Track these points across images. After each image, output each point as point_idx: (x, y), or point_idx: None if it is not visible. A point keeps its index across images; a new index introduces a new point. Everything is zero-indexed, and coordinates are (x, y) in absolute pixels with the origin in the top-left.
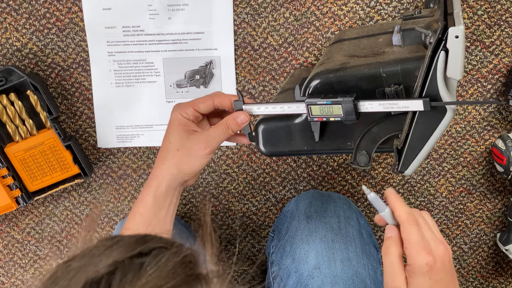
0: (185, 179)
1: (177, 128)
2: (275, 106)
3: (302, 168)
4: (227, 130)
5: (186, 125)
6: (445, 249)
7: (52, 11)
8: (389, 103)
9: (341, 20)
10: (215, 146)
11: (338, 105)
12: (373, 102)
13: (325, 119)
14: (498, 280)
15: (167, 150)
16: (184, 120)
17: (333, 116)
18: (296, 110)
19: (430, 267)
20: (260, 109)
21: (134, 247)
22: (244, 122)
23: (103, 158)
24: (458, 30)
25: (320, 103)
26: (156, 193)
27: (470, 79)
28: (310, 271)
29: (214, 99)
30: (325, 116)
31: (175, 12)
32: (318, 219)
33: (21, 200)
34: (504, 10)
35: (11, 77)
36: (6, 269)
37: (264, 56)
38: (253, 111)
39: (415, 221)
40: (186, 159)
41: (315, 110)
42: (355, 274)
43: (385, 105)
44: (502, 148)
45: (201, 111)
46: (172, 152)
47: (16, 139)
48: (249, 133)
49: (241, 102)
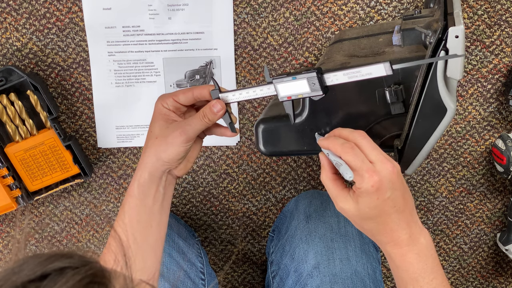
0: (166, 167)
1: (158, 117)
2: (248, 91)
3: (302, 168)
4: (203, 118)
5: (166, 115)
6: (392, 166)
7: (52, 11)
8: (352, 71)
9: (341, 20)
10: (191, 134)
11: (303, 81)
12: (337, 72)
13: (293, 98)
14: (498, 280)
15: (148, 138)
16: (165, 110)
17: (301, 92)
18: (268, 92)
19: (376, 188)
20: (235, 95)
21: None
22: (219, 110)
23: (103, 158)
24: (458, 30)
25: (286, 80)
26: (140, 181)
27: (470, 79)
28: (309, 271)
29: (194, 91)
30: (294, 94)
31: (175, 12)
32: (318, 218)
33: (21, 200)
34: (504, 10)
35: (11, 77)
36: None
37: (264, 56)
38: (228, 99)
39: (350, 147)
40: (164, 147)
41: (283, 90)
42: (354, 273)
43: (349, 74)
44: (502, 148)
45: (181, 102)
46: (151, 140)
47: (16, 139)
48: (229, 123)
49: (217, 91)
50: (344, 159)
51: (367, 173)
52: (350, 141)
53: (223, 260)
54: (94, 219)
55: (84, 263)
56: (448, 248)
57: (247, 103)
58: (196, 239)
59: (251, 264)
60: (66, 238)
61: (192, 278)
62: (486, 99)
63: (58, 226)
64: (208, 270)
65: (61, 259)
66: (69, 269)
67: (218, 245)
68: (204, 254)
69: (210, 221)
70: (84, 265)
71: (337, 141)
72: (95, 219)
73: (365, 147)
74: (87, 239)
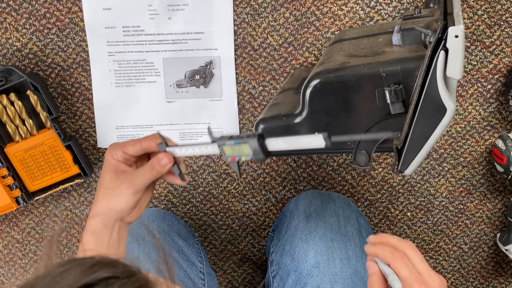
0: (117, 216)
1: (108, 168)
2: (194, 148)
3: (302, 168)
4: (152, 170)
5: (115, 166)
6: (439, 279)
7: (52, 11)
8: (292, 139)
9: (341, 20)
10: (139, 186)
11: (246, 144)
12: (278, 139)
13: (237, 159)
14: (498, 280)
15: (99, 188)
16: (114, 161)
17: (245, 155)
18: (212, 151)
19: None
20: (181, 151)
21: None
22: (166, 163)
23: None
24: (457, 30)
25: (229, 144)
26: (93, 231)
27: (470, 79)
28: (309, 270)
29: (142, 143)
30: (238, 155)
31: (175, 12)
32: (318, 218)
33: (21, 200)
34: (504, 10)
35: (11, 77)
36: (6, 269)
37: (264, 56)
38: (175, 153)
39: (400, 257)
40: (113, 198)
41: (228, 151)
42: (354, 273)
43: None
44: (502, 148)
45: (130, 153)
46: (101, 191)
47: (16, 139)
48: (179, 173)
49: (164, 145)
50: (394, 267)
51: (417, 283)
52: (398, 250)
53: (223, 260)
54: None
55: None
56: (448, 248)
57: (247, 103)
58: (196, 239)
59: (251, 264)
60: (66, 238)
61: (192, 278)
62: (486, 99)
63: (58, 226)
64: (208, 270)
65: (105, 268)
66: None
67: (218, 245)
68: (204, 254)
69: (210, 221)
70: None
71: (387, 249)
72: None
73: (414, 258)
74: None
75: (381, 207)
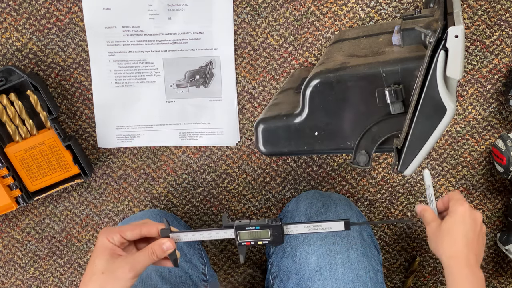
0: None
1: (103, 252)
2: (202, 233)
3: (302, 168)
4: (152, 255)
5: (112, 249)
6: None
7: (52, 11)
8: (313, 225)
9: (341, 20)
10: (140, 270)
11: (267, 230)
12: (298, 225)
13: (253, 243)
14: (498, 280)
15: (92, 273)
16: (110, 245)
17: (261, 239)
18: (224, 235)
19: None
20: (187, 236)
21: None
22: (169, 249)
23: (103, 158)
24: (457, 30)
25: (249, 229)
26: None
27: (470, 79)
28: (311, 274)
29: (142, 228)
30: (253, 240)
31: (175, 12)
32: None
33: (21, 200)
34: (504, 10)
35: (11, 77)
36: (6, 269)
37: (264, 56)
38: (180, 238)
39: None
40: (111, 282)
41: (244, 235)
42: (356, 277)
43: (309, 227)
44: (502, 148)
45: (128, 238)
46: (96, 275)
47: (16, 139)
48: (174, 259)
49: (168, 230)
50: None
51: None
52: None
53: (223, 260)
54: (94, 219)
55: None
56: None
57: (247, 103)
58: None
59: (251, 264)
60: (66, 238)
61: (193, 279)
62: (486, 99)
63: (58, 226)
64: (210, 271)
65: None
66: None
67: (218, 245)
68: (205, 254)
69: (210, 221)
70: None
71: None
72: (95, 219)
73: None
74: (87, 239)
75: (381, 207)
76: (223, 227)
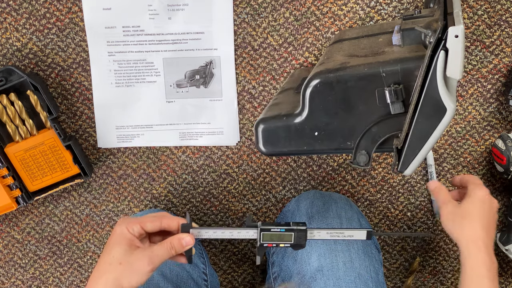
0: None
1: (122, 242)
2: (224, 231)
3: (302, 168)
4: (171, 250)
5: (130, 240)
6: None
7: (52, 11)
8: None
9: (341, 20)
10: (157, 264)
11: (291, 233)
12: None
13: (274, 245)
14: (498, 280)
15: (108, 262)
16: (129, 235)
17: (284, 242)
18: (246, 235)
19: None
20: (208, 233)
21: None
22: (189, 244)
23: (103, 158)
24: (457, 30)
25: (274, 230)
26: None
27: (470, 79)
28: (312, 273)
29: (162, 221)
30: (276, 242)
31: (175, 12)
32: (320, 220)
33: (21, 200)
34: (504, 10)
35: (11, 77)
36: (6, 269)
37: (264, 56)
38: (201, 235)
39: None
40: (127, 274)
41: (266, 237)
42: (357, 277)
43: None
44: (502, 148)
45: (147, 230)
46: (113, 265)
47: (16, 139)
48: (190, 255)
49: (189, 225)
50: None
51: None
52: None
53: (223, 260)
54: (94, 219)
55: None
56: (448, 248)
57: (247, 103)
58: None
59: (251, 264)
60: (66, 238)
61: (195, 279)
62: (486, 99)
63: (58, 226)
64: (210, 271)
65: None
66: None
67: (218, 245)
68: (206, 254)
69: (210, 221)
70: None
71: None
72: (95, 219)
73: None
74: (87, 239)
75: (381, 207)
76: (246, 226)
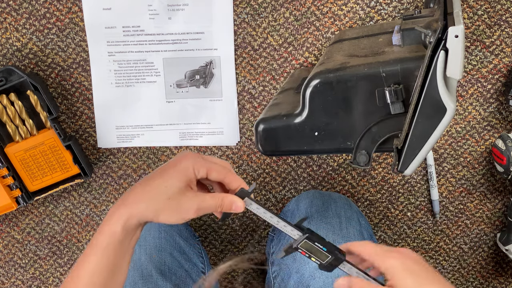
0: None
1: (182, 179)
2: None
3: (302, 168)
4: (219, 206)
5: (190, 180)
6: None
7: (52, 11)
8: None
9: (341, 20)
10: (201, 213)
11: (329, 256)
12: (353, 268)
13: (307, 255)
14: (498, 280)
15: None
16: (193, 175)
17: (316, 258)
18: (290, 232)
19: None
20: (259, 210)
21: None
22: (238, 210)
23: (103, 158)
24: (457, 30)
25: (317, 246)
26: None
27: (470, 79)
28: (311, 272)
29: (228, 176)
30: (310, 254)
31: (175, 12)
32: (319, 219)
33: (21, 200)
34: (504, 10)
35: (11, 77)
36: (6, 269)
37: (264, 56)
38: (251, 208)
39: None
40: (168, 212)
41: (305, 245)
42: None
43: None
44: (502, 148)
45: (211, 178)
46: (162, 196)
47: (16, 139)
48: (227, 217)
49: (247, 193)
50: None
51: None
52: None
53: (223, 260)
54: (94, 219)
55: None
56: (448, 248)
57: (247, 103)
58: (196, 239)
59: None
60: (66, 238)
61: (193, 278)
62: (486, 99)
63: (58, 226)
64: (209, 270)
65: None
66: None
67: (218, 245)
68: (205, 254)
69: (210, 221)
70: None
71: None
72: (95, 219)
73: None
74: (87, 239)
75: (381, 207)
76: (294, 225)
